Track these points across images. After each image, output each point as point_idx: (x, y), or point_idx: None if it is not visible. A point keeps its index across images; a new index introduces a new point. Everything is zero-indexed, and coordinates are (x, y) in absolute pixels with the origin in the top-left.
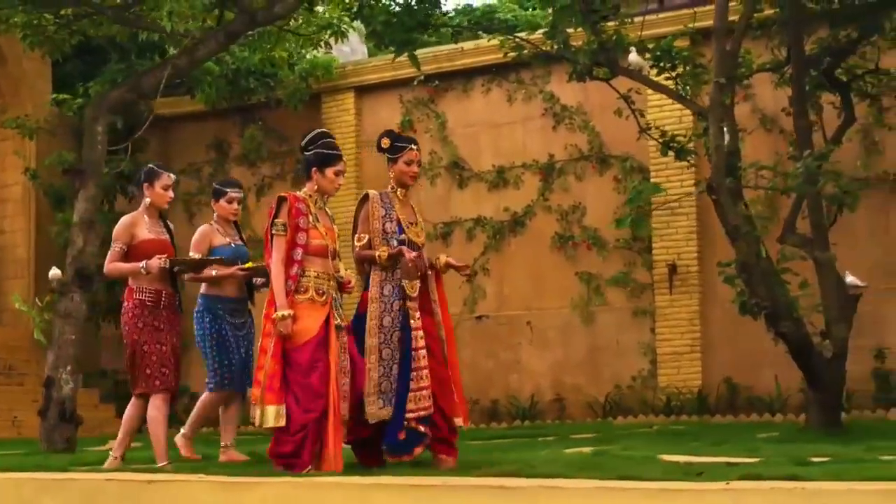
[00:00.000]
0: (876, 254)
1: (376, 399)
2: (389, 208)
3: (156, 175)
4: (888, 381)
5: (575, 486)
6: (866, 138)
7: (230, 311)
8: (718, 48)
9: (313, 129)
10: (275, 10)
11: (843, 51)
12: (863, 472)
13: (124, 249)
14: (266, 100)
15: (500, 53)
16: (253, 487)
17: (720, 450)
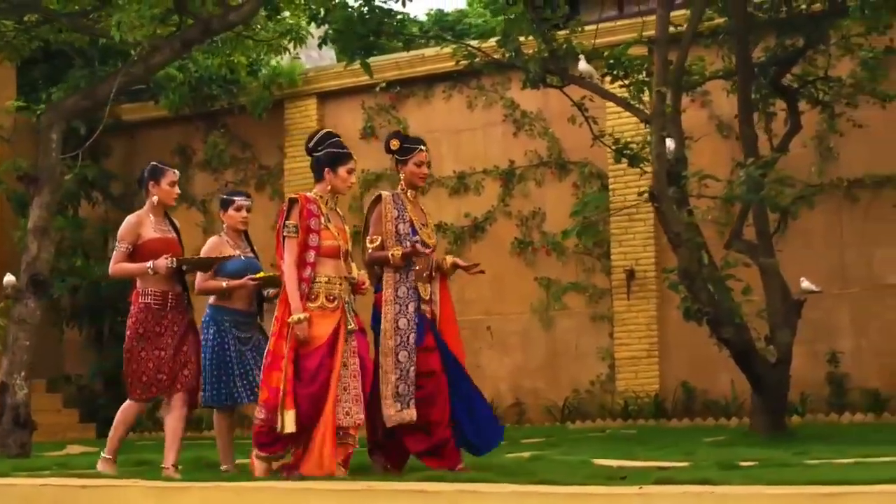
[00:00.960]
0: (830, 259)
1: (393, 402)
2: (402, 209)
3: (161, 172)
4: (842, 385)
5: (492, 491)
6: (821, 144)
7: (237, 323)
8: (660, 58)
9: (318, 131)
10: (230, 17)
11: (789, 59)
12: (782, 475)
13: (130, 249)
14: (229, 106)
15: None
16: (183, 492)
17: (659, 454)
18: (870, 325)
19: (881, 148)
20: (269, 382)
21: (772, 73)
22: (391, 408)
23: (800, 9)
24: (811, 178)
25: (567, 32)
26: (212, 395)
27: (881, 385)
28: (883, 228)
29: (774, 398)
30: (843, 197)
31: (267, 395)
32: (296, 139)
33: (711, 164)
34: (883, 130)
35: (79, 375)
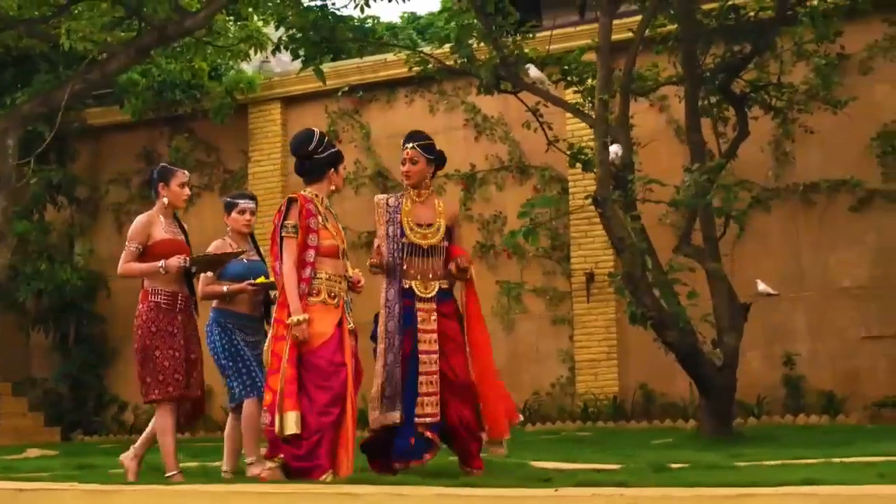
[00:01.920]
0: (787, 262)
1: (379, 404)
2: (395, 211)
3: (171, 173)
4: (797, 387)
5: (415, 493)
6: (777, 149)
7: (241, 327)
8: (603, 65)
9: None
10: (186, 24)
11: (736, 66)
12: (703, 477)
13: (140, 250)
14: (193, 111)
15: (450, 61)
16: (118, 495)
17: (600, 456)
18: (825, 328)
19: (836, 153)
20: (272, 385)
21: (720, 80)
22: (376, 410)
23: (748, 16)
24: (768, 182)
25: (518, 39)
26: (241, 390)
27: (836, 387)
28: (838, 232)
29: (721, 401)
30: (799, 201)
31: (270, 398)
32: (260, 143)
33: (669, 168)
34: (838, 135)
35: (44, 379)
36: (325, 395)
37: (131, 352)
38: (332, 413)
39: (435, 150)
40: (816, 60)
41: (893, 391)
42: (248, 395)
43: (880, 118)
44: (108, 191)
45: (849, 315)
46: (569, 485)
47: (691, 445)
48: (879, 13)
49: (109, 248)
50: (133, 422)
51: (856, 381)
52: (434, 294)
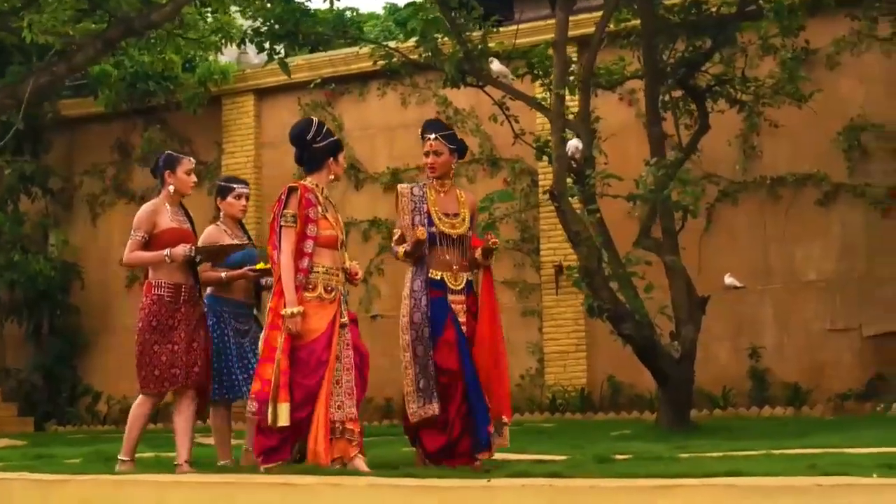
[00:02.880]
0: (754, 255)
1: (415, 398)
2: (420, 201)
3: (177, 161)
4: (763, 379)
5: (350, 483)
6: (745, 143)
7: (236, 315)
8: (559, 60)
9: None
10: (152, 17)
11: (697, 61)
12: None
13: (146, 238)
14: (167, 102)
15: (414, 55)
16: (63, 485)
17: (552, 448)
18: (791, 320)
19: (803, 147)
20: (263, 374)
21: (681, 75)
22: (413, 403)
23: (709, 11)
24: (735, 175)
25: (482, 33)
26: (216, 390)
27: (801, 379)
28: (804, 226)
29: (679, 393)
30: (766, 195)
31: (259, 387)
32: (233, 135)
33: (637, 161)
34: (804, 130)
35: (18, 370)
36: (301, 392)
37: (105, 342)
38: (304, 411)
39: (457, 140)
40: (783, 55)
41: (857, 383)
42: (222, 395)
43: (847, 113)
44: (83, 182)
45: (814, 308)
46: (503, 476)
47: (646, 437)
48: (844, 8)
49: (83, 239)
50: (107, 412)
51: (820, 373)
52: (463, 286)
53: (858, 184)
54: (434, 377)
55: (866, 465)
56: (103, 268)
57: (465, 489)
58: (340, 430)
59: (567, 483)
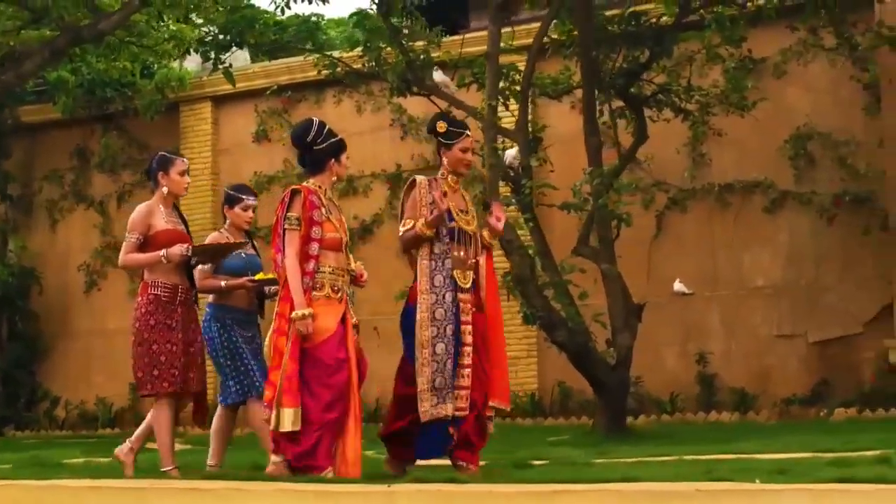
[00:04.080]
0: (702, 262)
1: (430, 396)
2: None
3: (170, 161)
4: (711, 384)
5: (255, 489)
6: (694, 151)
7: (239, 322)
8: (491, 72)
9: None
10: (100, 26)
11: (634, 71)
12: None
13: (141, 240)
14: (125, 109)
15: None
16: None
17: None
18: (738, 326)
19: (751, 155)
20: (272, 380)
21: (620, 85)
22: (427, 402)
23: (649, 22)
24: (684, 183)
25: (425, 43)
26: (237, 391)
27: (748, 385)
28: (752, 233)
29: (615, 399)
30: (715, 202)
31: (270, 394)
32: (191, 141)
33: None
34: (752, 138)
35: None
36: (329, 392)
37: (64, 347)
38: (336, 410)
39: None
40: (728, 64)
41: (803, 389)
42: (246, 394)
43: (793, 121)
44: (42, 188)
45: (761, 314)
46: (406, 481)
47: (579, 442)
48: (785, 19)
49: (42, 245)
50: (65, 417)
51: (767, 378)
52: (470, 284)
53: (805, 191)
54: (452, 376)
55: (760, 471)
56: (62, 273)
57: (362, 494)
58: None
59: (461, 489)
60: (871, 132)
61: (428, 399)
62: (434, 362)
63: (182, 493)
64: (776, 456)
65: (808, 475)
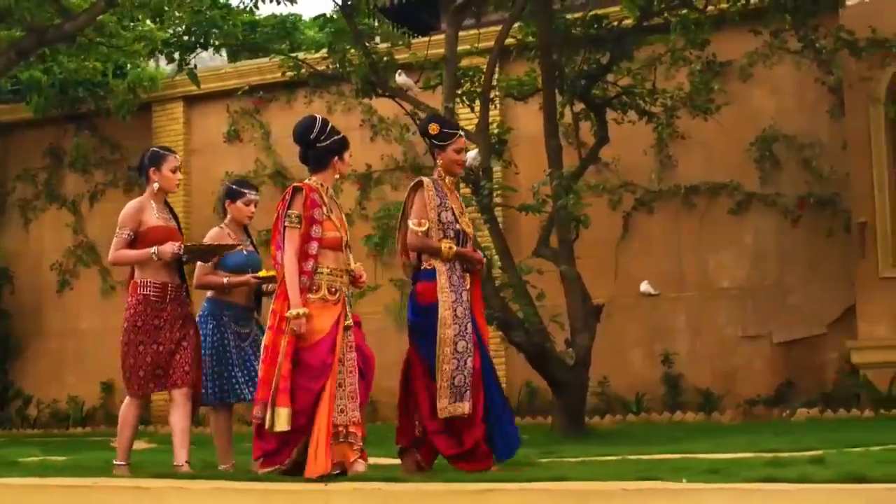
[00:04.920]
0: (669, 263)
1: (449, 394)
2: (444, 197)
3: (162, 157)
4: (677, 385)
5: (195, 487)
6: (661, 153)
7: (236, 318)
8: (449, 75)
9: (313, 121)
10: (65, 28)
11: (595, 74)
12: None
13: (132, 236)
14: (98, 109)
15: (322, 66)
16: None
17: None
18: (704, 327)
19: (717, 157)
20: (266, 378)
21: (581, 87)
22: (445, 399)
23: (610, 26)
24: (651, 184)
25: (389, 46)
26: (213, 393)
27: (713, 385)
28: (717, 234)
29: (573, 399)
30: (681, 203)
31: (262, 391)
32: (163, 141)
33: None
34: (718, 140)
35: None
36: (304, 396)
37: (36, 346)
38: (306, 415)
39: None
40: (693, 67)
41: (767, 389)
42: (221, 399)
43: (759, 123)
44: (15, 187)
45: (727, 315)
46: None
47: (536, 442)
48: (749, 23)
49: (15, 244)
50: (37, 416)
51: (732, 379)
52: (469, 286)
53: (770, 193)
54: (471, 375)
55: (696, 470)
56: (35, 272)
57: (299, 493)
58: (343, 434)
59: (396, 487)
60: (836, 135)
61: (446, 396)
62: (455, 360)
63: (124, 492)
64: (718, 456)
65: (737, 475)
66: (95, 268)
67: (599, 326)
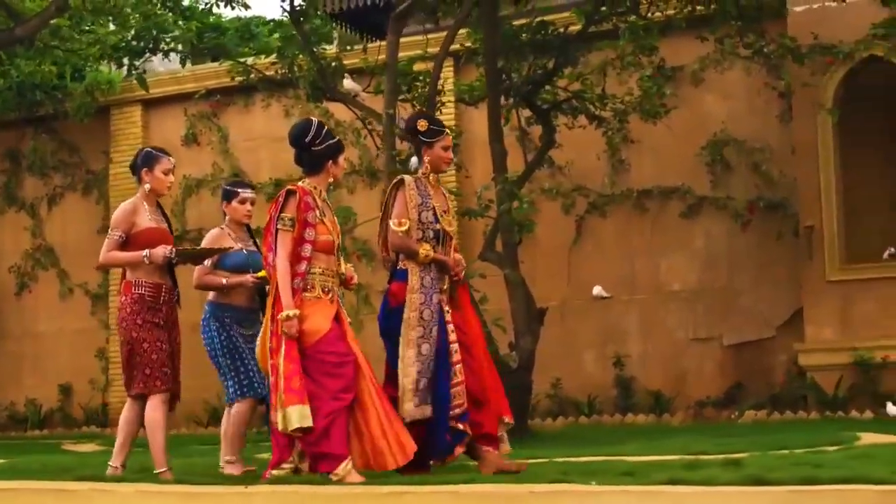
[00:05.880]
0: (621, 266)
1: (412, 397)
2: (426, 196)
3: (155, 159)
4: (628, 387)
5: (122, 490)
6: (613, 157)
7: (238, 320)
8: (389, 82)
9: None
10: (16, 32)
11: (539, 80)
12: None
13: (123, 238)
14: (56, 112)
15: (272, 71)
16: None
17: None
18: (655, 330)
19: (669, 161)
20: (274, 383)
21: (525, 93)
22: (409, 402)
23: (557, 32)
24: (604, 188)
25: (337, 51)
26: (236, 390)
27: (664, 387)
28: (669, 237)
29: (516, 402)
30: (633, 207)
31: (273, 396)
32: (121, 145)
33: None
34: (670, 144)
35: None
36: (337, 381)
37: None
38: (345, 399)
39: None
40: (643, 72)
41: (717, 391)
42: (243, 395)
43: (710, 128)
44: None
45: (677, 318)
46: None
47: None
48: (696, 29)
49: None
50: None
51: (683, 381)
52: (447, 286)
53: (721, 197)
54: (439, 379)
55: (612, 472)
56: None
57: (222, 495)
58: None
59: (312, 489)
60: (786, 139)
61: (411, 399)
62: (418, 362)
63: (47, 494)
64: (643, 458)
65: (649, 477)
66: (54, 270)
67: (553, 329)
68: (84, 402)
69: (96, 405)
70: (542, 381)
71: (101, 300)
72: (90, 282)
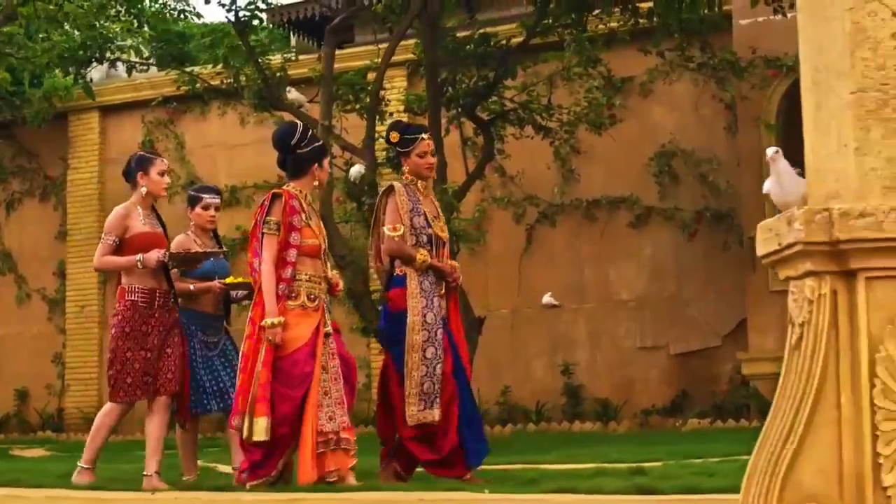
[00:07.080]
0: (570, 275)
1: (417, 400)
2: (416, 202)
3: (150, 161)
4: (577, 395)
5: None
6: (563, 167)
7: (203, 327)
8: (325, 93)
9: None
10: None
11: (481, 92)
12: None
13: (117, 242)
14: (14, 118)
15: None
16: None
17: None
18: (603, 338)
19: (617, 171)
20: (242, 387)
21: (467, 104)
22: (414, 406)
23: (500, 44)
24: (554, 198)
25: (283, 61)
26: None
27: (611, 395)
28: (617, 247)
29: None
30: (583, 216)
31: (241, 402)
32: (78, 151)
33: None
34: (619, 155)
35: None
36: (287, 405)
37: None
38: (287, 425)
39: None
40: (591, 84)
41: (663, 399)
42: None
43: (659, 139)
44: None
45: (625, 326)
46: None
47: None
48: (640, 42)
49: None
50: None
51: (630, 389)
52: (444, 291)
53: (668, 207)
54: (440, 382)
55: (517, 480)
56: None
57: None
58: (335, 440)
59: (214, 496)
60: (732, 151)
61: (415, 403)
62: (423, 366)
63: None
64: (557, 466)
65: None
66: (11, 275)
67: (503, 337)
68: (40, 406)
69: (52, 410)
70: (492, 389)
71: (57, 305)
72: (47, 287)
